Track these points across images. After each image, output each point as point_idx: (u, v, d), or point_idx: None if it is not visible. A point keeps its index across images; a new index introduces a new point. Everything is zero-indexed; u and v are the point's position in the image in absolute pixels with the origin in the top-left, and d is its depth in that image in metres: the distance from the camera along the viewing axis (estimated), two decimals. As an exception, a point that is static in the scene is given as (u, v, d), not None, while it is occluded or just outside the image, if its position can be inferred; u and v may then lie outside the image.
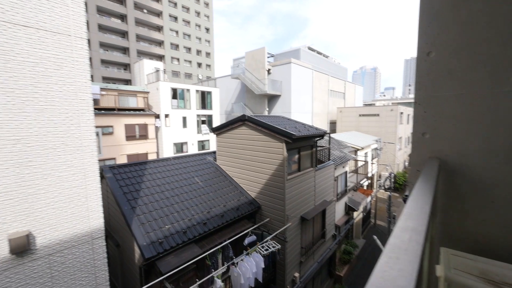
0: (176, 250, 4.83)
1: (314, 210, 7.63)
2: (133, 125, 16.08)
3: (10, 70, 2.85)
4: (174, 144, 18.28)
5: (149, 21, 34.75)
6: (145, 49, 34.51)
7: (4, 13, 2.83)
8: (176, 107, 18.44)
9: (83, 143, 3.37)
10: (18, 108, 2.88)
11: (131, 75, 32.14)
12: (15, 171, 2.85)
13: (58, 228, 3.16)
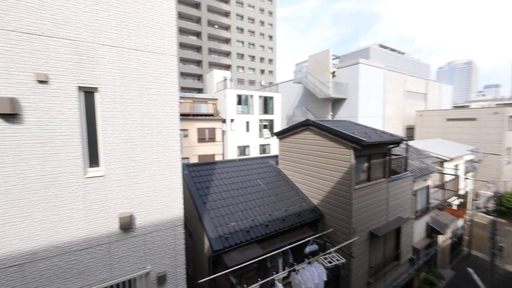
0: (239, 247, 5.11)
1: (386, 226, 6.77)
2: (204, 129, 17.99)
3: (125, 84, 3.64)
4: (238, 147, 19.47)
5: (219, 35, 38.40)
6: (215, 60, 38.25)
7: (123, 41, 3.64)
8: (240, 112, 19.65)
9: (170, 143, 3.98)
10: (129, 114, 3.65)
11: (203, 84, 36.11)
12: (125, 164, 3.61)
13: (151, 213, 3.82)
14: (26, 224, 3.02)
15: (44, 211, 3.10)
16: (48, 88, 3.11)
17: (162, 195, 3.90)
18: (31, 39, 3.00)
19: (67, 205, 3.22)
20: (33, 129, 3.02)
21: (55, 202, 3.15)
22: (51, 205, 3.13)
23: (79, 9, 3.28)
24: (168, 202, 3.97)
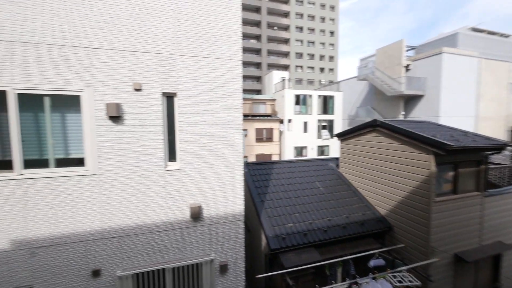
0: (296, 250, 5.05)
1: (478, 251, 5.51)
2: (262, 129, 18.51)
3: (197, 89, 4.08)
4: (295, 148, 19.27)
5: (278, 36, 38.76)
6: (273, 61, 38.83)
7: (197, 50, 4.08)
8: (298, 113, 19.38)
9: (234, 142, 4.26)
10: (200, 115, 4.07)
11: (261, 85, 37.18)
12: (195, 160, 4.05)
13: (216, 206, 4.18)
14: (124, 205, 3.74)
15: (136, 196, 3.78)
16: (141, 95, 3.78)
17: (226, 190, 4.21)
18: (131, 56, 3.70)
19: (152, 192, 3.84)
20: (130, 128, 3.72)
21: (144, 188, 3.80)
22: (141, 191, 3.79)
23: (164, 26, 3.85)
24: (231, 197, 4.26)
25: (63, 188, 3.50)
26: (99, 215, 3.64)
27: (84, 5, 3.48)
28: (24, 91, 3.32)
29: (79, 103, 3.51)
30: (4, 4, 3.18)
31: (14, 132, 3.31)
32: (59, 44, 3.41)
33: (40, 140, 3.52)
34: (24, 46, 3.27)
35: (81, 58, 3.49)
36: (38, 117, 3.50)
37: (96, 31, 3.53)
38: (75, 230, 3.56)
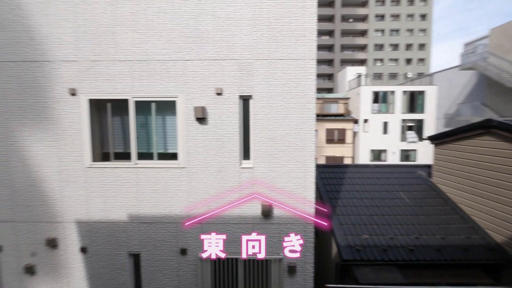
0: (373, 265, 4.51)
1: None
2: (333, 130, 17.46)
3: (271, 91, 4.19)
4: (371, 151, 17.29)
5: (354, 28, 35.64)
6: (347, 57, 36.00)
7: (272, 53, 4.19)
8: (376, 112, 17.30)
9: (306, 144, 4.17)
10: (273, 117, 4.18)
11: (333, 83, 35.11)
12: (268, 160, 4.19)
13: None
14: (205, 196, 4.24)
15: (215, 189, 4.22)
16: (221, 99, 4.18)
17: (296, 192, 4.18)
18: (214, 64, 4.15)
19: (228, 187, 4.21)
20: (212, 129, 4.18)
21: (222, 183, 4.21)
22: (220, 186, 4.21)
23: (243, 34, 4.13)
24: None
25: (162, 177, 4.26)
26: (186, 203, 4.26)
27: (180, 25, 4.13)
28: (139, 99, 4.23)
29: (175, 107, 4.20)
30: (127, 32, 4.14)
31: (132, 131, 4.26)
32: (162, 59, 4.17)
33: (148, 138, 4.40)
34: (140, 64, 4.16)
35: (177, 69, 4.16)
36: (147, 119, 4.39)
37: (188, 46, 4.14)
38: (169, 213, 4.29)
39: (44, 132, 4.28)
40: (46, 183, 4.35)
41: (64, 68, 4.20)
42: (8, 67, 4.22)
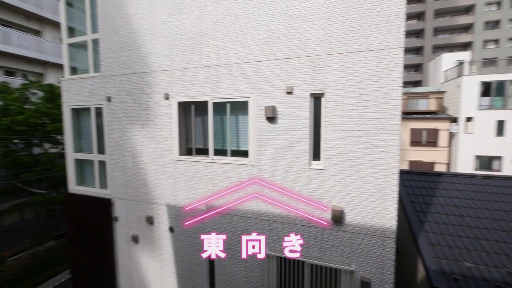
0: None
1: None
2: (420, 130, 14.73)
3: (346, 87, 3.85)
4: (477, 157, 13.72)
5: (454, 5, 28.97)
6: (443, 41, 29.64)
7: (347, 46, 3.84)
8: (486, 107, 13.59)
9: (388, 146, 3.64)
10: (347, 115, 3.84)
11: (421, 75, 29.65)
12: (340, 161, 3.88)
13: (359, 214, 3.80)
14: (273, 195, 4.29)
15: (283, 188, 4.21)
16: (291, 97, 4.13)
17: (373, 199, 3.71)
18: (285, 63, 4.14)
19: (296, 187, 4.13)
20: (281, 128, 4.19)
21: (290, 183, 4.17)
22: (287, 184, 4.19)
23: (315, 29, 3.95)
24: (379, 208, 3.69)
25: (234, 173, 4.57)
26: (254, 199, 4.43)
27: (253, 28, 4.30)
28: (216, 100, 4.66)
29: (247, 107, 4.42)
30: (208, 40, 4.60)
31: (210, 129, 4.74)
32: (236, 62, 4.45)
33: (223, 136, 4.80)
34: (218, 68, 4.57)
35: (250, 71, 4.36)
36: (222, 119, 4.79)
37: (260, 47, 4.27)
38: (239, 206, 4.56)
39: (147, 129, 5.28)
40: (147, 170, 5.36)
41: (161, 76, 5.05)
42: (125, 79, 5.40)
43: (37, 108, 11.67)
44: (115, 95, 5.54)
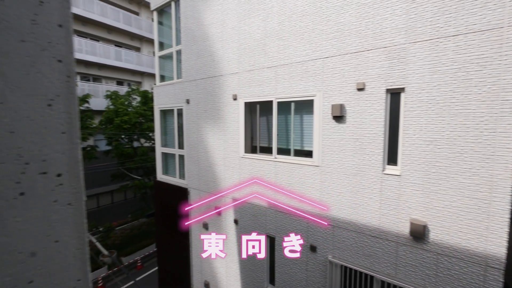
0: None
1: None
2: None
3: (434, 80, 3.23)
4: None
5: None
6: None
7: (438, 30, 3.21)
8: None
9: (495, 152, 2.87)
10: (435, 113, 3.22)
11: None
12: (423, 168, 3.30)
13: (450, 233, 3.14)
14: (338, 198, 4.04)
15: (350, 193, 3.90)
16: (363, 94, 3.76)
17: (471, 217, 3.00)
18: (356, 57, 3.79)
19: (366, 193, 3.76)
20: (350, 127, 3.87)
21: (358, 188, 3.82)
22: (355, 189, 3.86)
23: (395, 15, 3.45)
24: (480, 229, 2.96)
25: (297, 173, 4.52)
26: (318, 201, 4.26)
27: (321, 23, 4.11)
28: (280, 100, 4.69)
29: (312, 106, 4.27)
30: (274, 41, 4.66)
31: (274, 129, 4.82)
32: (302, 60, 4.36)
33: (286, 135, 4.80)
34: (283, 68, 4.59)
35: (316, 68, 4.19)
36: (286, 118, 4.79)
37: (328, 42, 4.04)
38: (301, 207, 4.49)
39: (217, 128, 5.80)
40: (216, 165, 5.90)
41: (230, 79, 5.44)
42: (200, 83, 6.07)
43: (136, 110, 14.48)
44: (192, 97, 6.30)
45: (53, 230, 0.37)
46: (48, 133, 0.37)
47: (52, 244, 0.37)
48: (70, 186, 0.39)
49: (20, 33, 0.34)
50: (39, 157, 0.36)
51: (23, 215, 0.35)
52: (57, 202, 0.38)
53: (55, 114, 0.38)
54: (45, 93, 0.37)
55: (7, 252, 0.33)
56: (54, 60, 0.38)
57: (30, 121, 0.35)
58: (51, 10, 0.37)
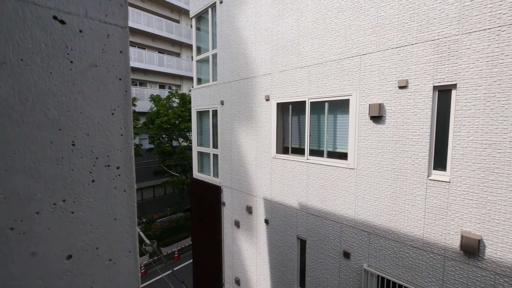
0: None
1: None
2: None
3: (494, 74, 2.84)
4: None
5: None
6: None
7: (499, 18, 2.81)
8: None
9: None
10: (495, 112, 2.82)
11: None
12: (479, 174, 2.91)
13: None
14: (376, 204, 3.79)
15: (389, 199, 3.63)
16: (405, 92, 3.47)
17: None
18: (398, 52, 3.51)
19: (408, 200, 3.46)
20: (390, 128, 3.61)
21: (398, 193, 3.54)
22: (395, 195, 3.58)
23: (445, 3, 3.12)
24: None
25: (330, 175, 4.37)
26: (353, 206, 4.06)
27: (358, 18, 3.90)
28: (314, 100, 4.59)
29: (348, 105, 4.09)
30: (308, 40, 4.57)
31: (306, 129, 4.73)
32: (337, 59, 4.20)
33: (319, 136, 4.68)
34: (316, 67, 4.48)
35: (353, 66, 4.00)
36: (319, 118, 4.67)
37: (366, 38, 3.82)
38: (334, 211, 4.33)
39: (250, 128, 5.92)
40: (248, 165, 6.02)
41: (263, 80, 5.50)
42: (234, 84, 6.26)
43: (174, 111, 15.55)
44: (226, 99, 6.54)
45: (113, 210, 0.49)
46: (111, 135, 0.49)
47: (112, 221, 0.49)
48: (125, 176, 0.50)
49: (94, 60, 0.47)
50: (105, 153, 0.48)
51: (94, 197, 0.47)
52: (116, 188, 0.50)
53: (117, 120, 0.50)
54: (110, 105, 0.49)
55: (82, 223, 0.46)
56: (116, 79, 0.50)
57: (99, 126, 0.48)
58: (115, 40, 0.49)
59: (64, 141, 0.44)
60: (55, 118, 0.43)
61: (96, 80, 0.47)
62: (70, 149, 0.45)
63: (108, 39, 0.48)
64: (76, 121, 0.45)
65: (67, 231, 0.44)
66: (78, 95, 0.46)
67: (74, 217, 0.45)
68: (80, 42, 0.45)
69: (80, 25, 0.45)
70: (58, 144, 0.44)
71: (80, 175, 0.46)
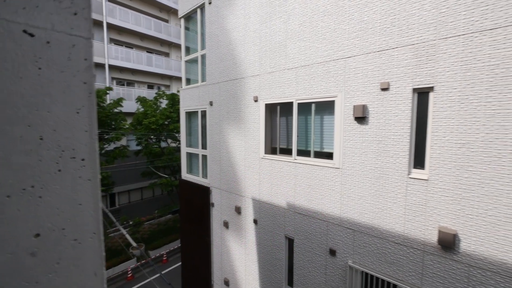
0: None
1: None
2: None
3: (468, 78, 3.01)
4: None
5: None
6: None
7: (473, 24, 2.98)
8: None
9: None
10: (469, 114, 2.99)
11: None
12: (454, 173, 3.07)
13: (484, 243, 2.89)
14: (360, 202, 3.91)
15: (373, 197, 3.76)
16: (387, 94, 3.61)
17: (509, 227, 2.73)
18: (380, 55, 3.66)
19: (389, 197, 3.60)
20: (373, 129, 3.74)
21: (381, 192, 3.67)
22: (378, 193, 3.71)
23: (423, 10, 3.28)
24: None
25: (317, 175, 4.46)
26: (339, 204, 4.17)
27: (343, 22, 4.03)
28: (301, 101, 4.68)
29: (333, 106, 4.20)
30: (295, 42, 4.67)
31: (294, 130, 4.82)
32: (323, 61, 4.31)
33: (306, 136, 4.77)
34: (303, 69, 4.58)
35: (338, 68, 4.12)
36: (306, 119, 4.76)
37: (351, 42, 3.95)
38: (321, 210, 4.42)
39: (239, 129, 5.95)
40: (237, 166, 6.04)
41: (251, 81, 5.55)
42: (223, 85, 6.28)
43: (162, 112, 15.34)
44: (215, 99, 6.54)
45: (78, 196, 0.56)
46: (76, 131, 0.57)
47: (77, 206, 0.56)
48: (90, 167, 0.58)
49: (60, 66, 0.55)
50: (70, 147, 0.56)
51: (60, 184, 0.54)
52: (81, 177, 0.57)
53: (81, 118, 0.58)
54: (75, 105, 0.57)
55: (49, 207, 0.53)
56: (81, 83, 0.58)
57: (65, 123, 0.55)
58: (79, 49, 0.57)
59: (32, 135, 0.50)
60: (24, 116, 0.49)
61: (62, 84, 0.54)
62: (38, 142, 0.51)
63: (73, 48, 0.55)
64: (44, 118, 0.51)
65: (35, 213, 0.50)
66: (46, 97, 0.52)
67: (42, 201, 0.51)
68: (48, 51, 0.52)
69: (47, 37, 0.52)
70: (27, 138, 0.50)
71: (47, 165, 0.52)
